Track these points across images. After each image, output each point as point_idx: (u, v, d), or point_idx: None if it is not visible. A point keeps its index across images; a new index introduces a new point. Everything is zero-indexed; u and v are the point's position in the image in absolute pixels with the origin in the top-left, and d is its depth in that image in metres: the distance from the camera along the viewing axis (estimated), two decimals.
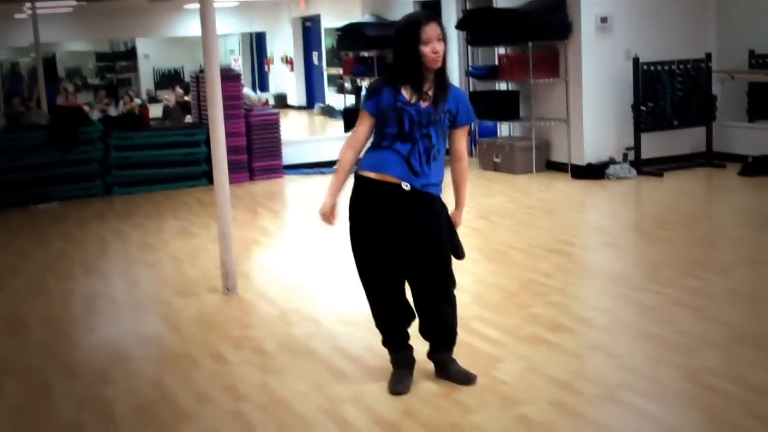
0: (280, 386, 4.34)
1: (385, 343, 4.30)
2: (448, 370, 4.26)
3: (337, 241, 7.64)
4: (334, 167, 4.22)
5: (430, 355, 4.31)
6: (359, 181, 4.09)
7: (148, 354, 4.94)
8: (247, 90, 14.19)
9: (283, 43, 21.77)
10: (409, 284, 4.17)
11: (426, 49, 3.92)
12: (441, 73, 4.01)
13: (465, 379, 4.22)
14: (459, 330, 4.74)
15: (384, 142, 4.02)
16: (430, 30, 3.93)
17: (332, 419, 3.93)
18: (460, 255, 4.25)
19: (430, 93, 4.00)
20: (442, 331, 4.24)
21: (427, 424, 3.83)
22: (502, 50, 11.00)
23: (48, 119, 10.73)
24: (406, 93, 3.98)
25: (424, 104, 3.98)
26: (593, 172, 9.77)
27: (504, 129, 11.33)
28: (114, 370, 4.72)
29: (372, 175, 4.03)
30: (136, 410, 4.16)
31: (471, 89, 11.59)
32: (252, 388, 4.33)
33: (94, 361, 4.94)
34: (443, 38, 3.97)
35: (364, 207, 4.07)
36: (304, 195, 10.23)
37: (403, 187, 3.98)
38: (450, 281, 4.19)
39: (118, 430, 3.97)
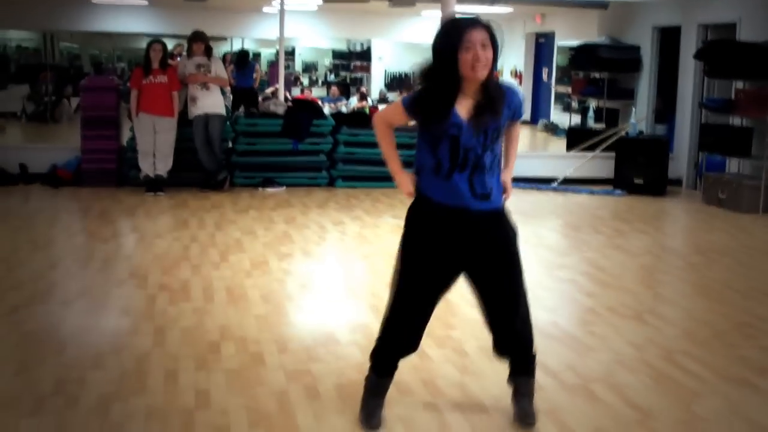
0: (477, 387, 4.45)
1: (376, 365, 4.06)
2: (517, 400, 4.07)
3: (548, 259, 7.70)
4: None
5: (510, 378, 4.14)
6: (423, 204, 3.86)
7: (355, 339, 5.17)
8: None
9: (514, 56, 21.86)
10: (484, 303, 3.97)
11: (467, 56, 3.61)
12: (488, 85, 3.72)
13: (522, 417, 4.02)
14: (662, 362, 4.71)
15: (442, 170, 3.77)
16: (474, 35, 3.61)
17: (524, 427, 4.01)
18: None
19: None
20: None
21: None
22: (740, 84, 10.64)
23: (285, 109, 11.30)
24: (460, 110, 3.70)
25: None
26: None
27: (733, 165, 10.94)
28: (322, 349, 4.99)
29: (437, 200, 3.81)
30: (338, 389, 4.39)
31: (703, 121, 11.29)
32: (449, 386, 4.48)
33: (304, 339, 5.25)
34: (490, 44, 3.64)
35: (431, 229, 3.83)
36: (518, 208, 10.27)
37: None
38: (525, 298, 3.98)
39: (320, 404, 4.20)
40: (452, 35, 3.65)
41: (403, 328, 3.98)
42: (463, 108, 3.70)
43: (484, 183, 3.76)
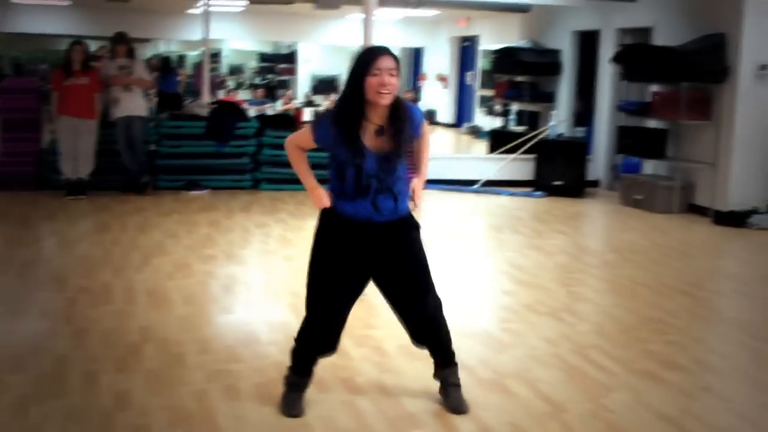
0: (394, 385, 4.55)
1: (295, 365, 4.21)
2: (446, 392, 4.28)
3: (468, 259, 7.85)
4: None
5: (435, 374, 4.34)
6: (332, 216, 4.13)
7: (275, 339, 5.22)
8: None
9: (439, 60, 22.09)
10: (394, 299, 4.23)
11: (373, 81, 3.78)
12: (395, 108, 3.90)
13: (455, 406, 4.21)
14: (574, 356, 4.86)
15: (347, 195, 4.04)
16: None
17: (441, 422, 4.12)
18: None
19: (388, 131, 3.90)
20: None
21: None
22: (655, 87, 10.95)
23: (208, 111, 11.28)
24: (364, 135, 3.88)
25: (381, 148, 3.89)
26: (735, 219, 9.61)
27: (649, 167, 11.24)
28: (243, 349, 5.04)
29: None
30: (258, 388, 4.45)
31: (620, 124, 11.59)
32: (367, 383, 4.57)
33: (225, 339, 5.29)
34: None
35: (339, 239, 4.11)
36: (440, 210, 10.43)
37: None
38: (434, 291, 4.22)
39: (240, 403, 4.26)
40: (363, 61, 3.83)
41: (318, 330, 4.17)
42: (367, 135, 3.89)
43: (389, 203, 4.00)
